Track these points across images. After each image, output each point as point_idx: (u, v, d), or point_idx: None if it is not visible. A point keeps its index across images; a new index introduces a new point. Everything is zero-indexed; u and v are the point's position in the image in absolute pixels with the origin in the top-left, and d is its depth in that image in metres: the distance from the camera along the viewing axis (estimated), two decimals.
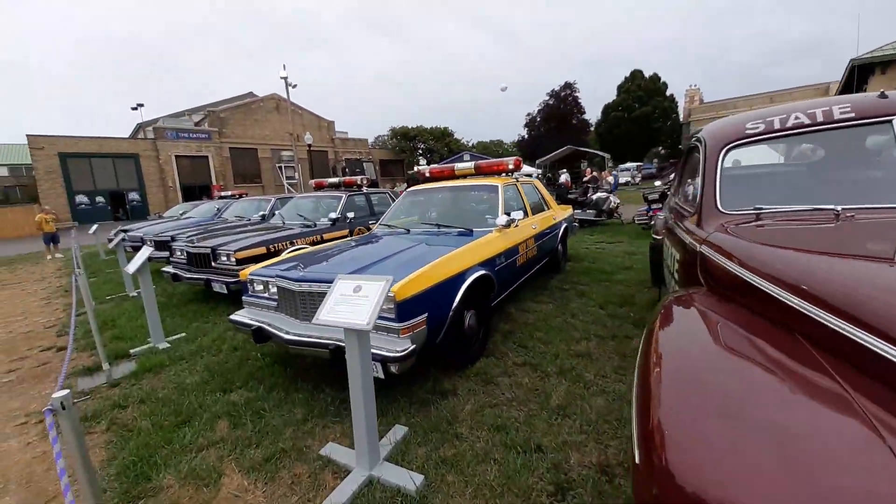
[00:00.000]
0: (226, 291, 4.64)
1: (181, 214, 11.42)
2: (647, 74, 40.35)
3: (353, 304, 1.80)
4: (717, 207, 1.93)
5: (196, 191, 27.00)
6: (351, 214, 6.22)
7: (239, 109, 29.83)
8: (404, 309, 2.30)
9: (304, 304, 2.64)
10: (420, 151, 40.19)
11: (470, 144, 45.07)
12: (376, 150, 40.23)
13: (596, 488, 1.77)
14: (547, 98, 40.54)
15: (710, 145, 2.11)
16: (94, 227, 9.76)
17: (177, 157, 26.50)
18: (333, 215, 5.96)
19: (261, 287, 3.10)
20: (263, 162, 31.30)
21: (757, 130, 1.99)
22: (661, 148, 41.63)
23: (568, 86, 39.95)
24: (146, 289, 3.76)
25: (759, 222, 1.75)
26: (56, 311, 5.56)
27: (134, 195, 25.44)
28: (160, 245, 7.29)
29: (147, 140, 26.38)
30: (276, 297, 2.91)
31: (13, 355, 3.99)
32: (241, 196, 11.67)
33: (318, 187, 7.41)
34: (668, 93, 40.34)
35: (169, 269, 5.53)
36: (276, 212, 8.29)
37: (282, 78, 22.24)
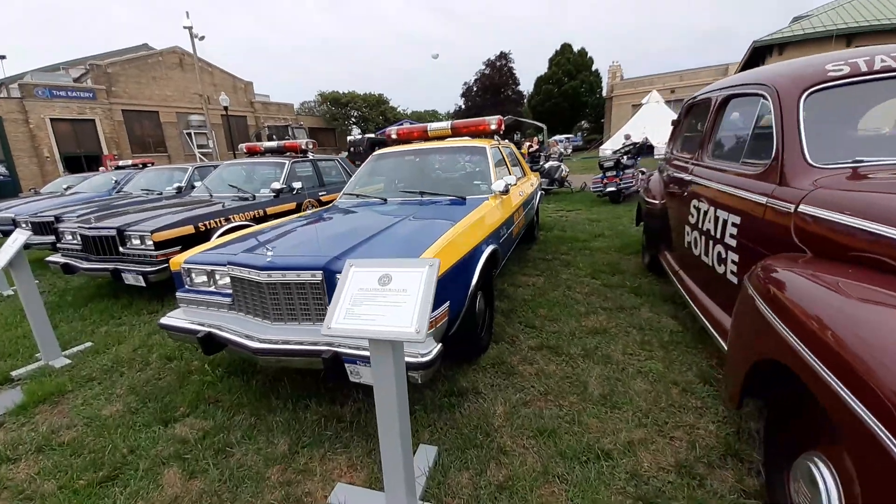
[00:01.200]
0: (143, 284, 3.64)
1: (65, 189, 9.24)
2: (576, 48, 41.47)
3: (382, 303, 1.23)
4: (807, 161, 1.64)
5: (83, 161, 22.56)
6: (298, 185, 5.30)
7: (132, 64, 25.08)
8: None
9: (275, 299, 1.96)
10: (353, 119, 37.69)
11: (406, 114, 43.20)
12: (303, 116, 36.88)
13: (691, 497, 1.47)
14: (483, 68, 40.10)
15: (784, 90, 1.80)
16: None
17: (53, 120, 21.66)
18: (277, 185, 5.01)
19: (203, 279, 2.32)
20: (167, 127, 27.07)
21: (841, 73, 1.71)
22: (584, 122, 43.77)
23: (503, 56, 39.78)
24: (25, 286, 2.72)
25: (874, 177, 1.48)
26: None
27: None
28: (40, 228, 5.71)
29: (12, 99, 21.11)
30: (230, 291, 2.18)
31: None
32: (144, 166, 9.73)
33: (252, 152, 6.26)
34: (594, 68, 41.98)
35: (57, 257, 4.26)
36: (196, 183, 6.97)
37: (185, 28, 18.94)
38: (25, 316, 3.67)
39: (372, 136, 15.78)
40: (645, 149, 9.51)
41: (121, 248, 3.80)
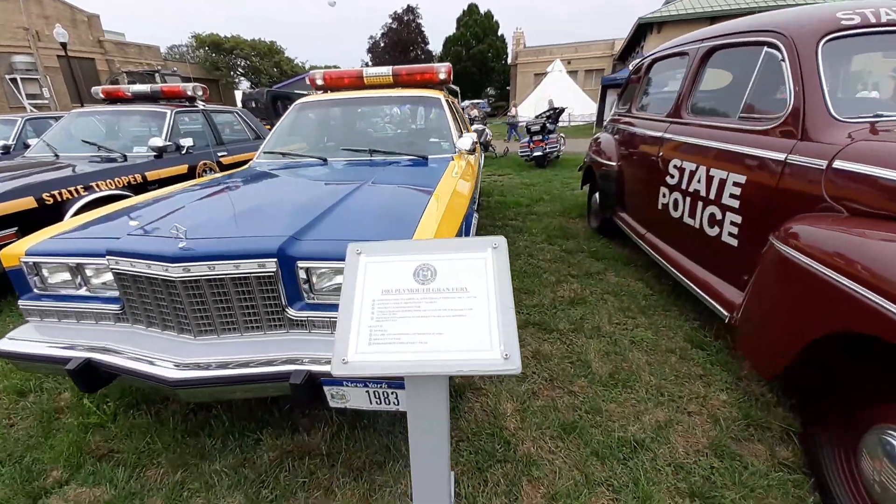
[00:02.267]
0: None
1: None
2: (482, 10, 41.02)
3: (430, 312, 0.77)
4: (831, 115, 1.54)
5: None
6: (187, 142, 4.16)
7: None
8: None
9: (199, 304, 1.32)
10: (241, 70, 32.63)
11: (305, 66, 38.69)
12: (174, 62, 30.67)
13: (742, 484, 1.36)
14: (390, 22, 37.53)
15: (800, 38, 1.67)
16: None
17: None
18: (158, 142, 3.82)
19: (64, 277, 1.52)
20: None
21: (853, 23, 1.62)
22: (490, 89, 44.58)
23: (410, 10, 37.63)
24: None
25: None
26: None
27: None
28: None
29: None
30: (116, 294, 1.45)
31: None
32: None
33: (113, 98, 4.73)
34: (499, 32, 42.25)
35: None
36: (31, 140, 5.15)
37: None
38: None
39: (273, 88, 13.68)
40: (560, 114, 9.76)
41: None
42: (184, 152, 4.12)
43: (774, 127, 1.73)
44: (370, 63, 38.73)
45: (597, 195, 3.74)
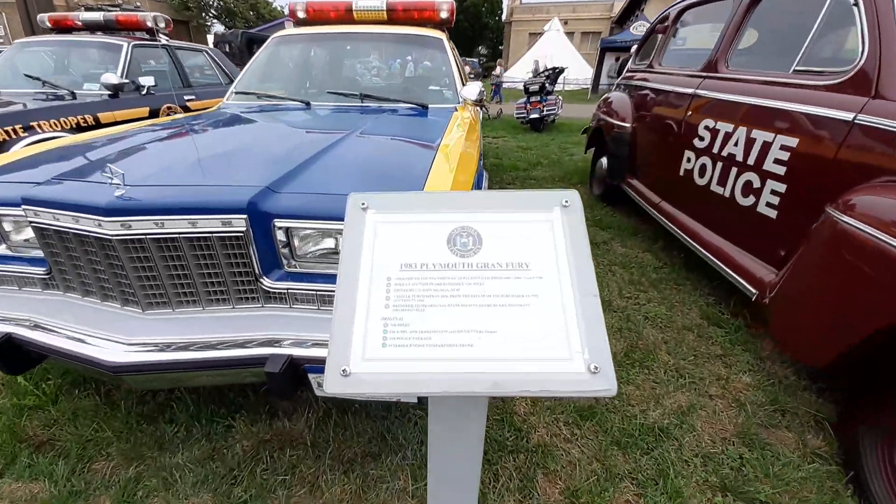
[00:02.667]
0: None
1: None
2: None
3: (471, 299, 0.52)
4: None
5: None
6: (148, 81, 3.64)
7: None
8: None
9: (141, 269, 1.04)
10: (214, 12, 29.97)
11: (285, 12, 35.77)
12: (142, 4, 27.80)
13: (776, 476, 1.23)
14: None
15: None
16: None
17: None
18: (112, 79, 3.31)
19: None
20: None
21: None
22: (482, 47, 42.63)
23: None
24: None
25: None
26: None
27: None
28: None
29: None
30: (44, 255, 1.14)
31: None
32: None
33: (62, 27, 4.09)
34: None
35: None
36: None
37: None
38: None
39: (249, 31, 12.54)
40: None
41: None
42: (143, 93, 3.62)
43: (841, 82, 1.48)
44: None
45: (604, 160, 3.49)
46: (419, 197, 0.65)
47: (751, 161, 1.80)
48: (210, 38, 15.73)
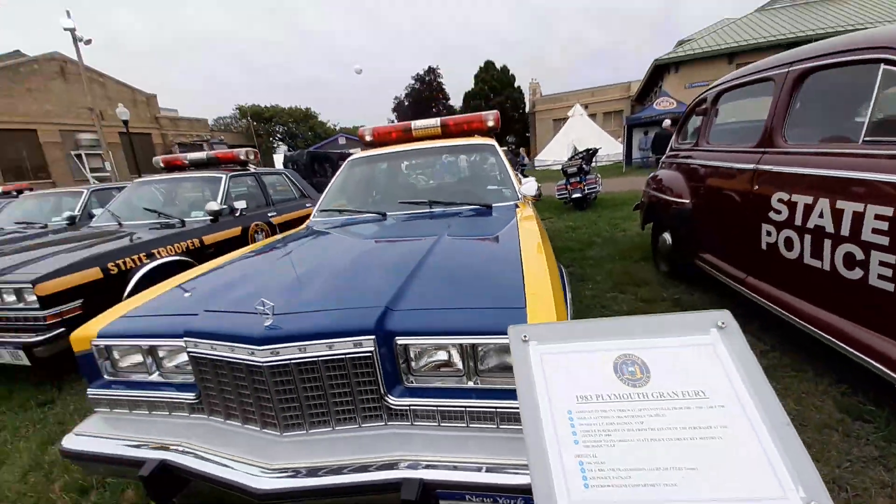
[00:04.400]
0: (26, 362, 2.44)
1: None
2: (498, 66, 43.48)
3: (656, 432, 0.54)
4: None
5: None
6: (241, 204, 4.26)
7: (1, 74, 20.84)
8: None
9: (283, 391, 1.13)
10: (279, 135, 35.26)
11: (336, 129, 41.49)
12: (219, 132, 33.58)
13: None
14: (413, 82, 40.22)
15: None
16: None
17: None
18: (214, 206, 3.92)
19: (136, 360, 1.39)
20: (50, 149, 22.85)
21: None
22: (511, 136, 46.16)
23: (431, 70, 40.31)
24: None
25: None
26: None
27: None
28: None
29: None
30: (193, 380, 1.28)
31: None
32: (20, 193, 7.65)
33: (172, 166, 5.00)
34: (516, 84, 44.37)
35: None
36: (96, 211, 5.48)
37: (67, 30, 16.06)
38: None
39: (311, 150, 14.46)
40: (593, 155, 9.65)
41: None
42: (238, 214, 4.20)
43: None
44: (395, 120, 41.17)
45: (666, 236, 3.46)
46: (574, 326, 0.70)
47: (845, 232, 1.73)
48: (278, 158, 18.37)
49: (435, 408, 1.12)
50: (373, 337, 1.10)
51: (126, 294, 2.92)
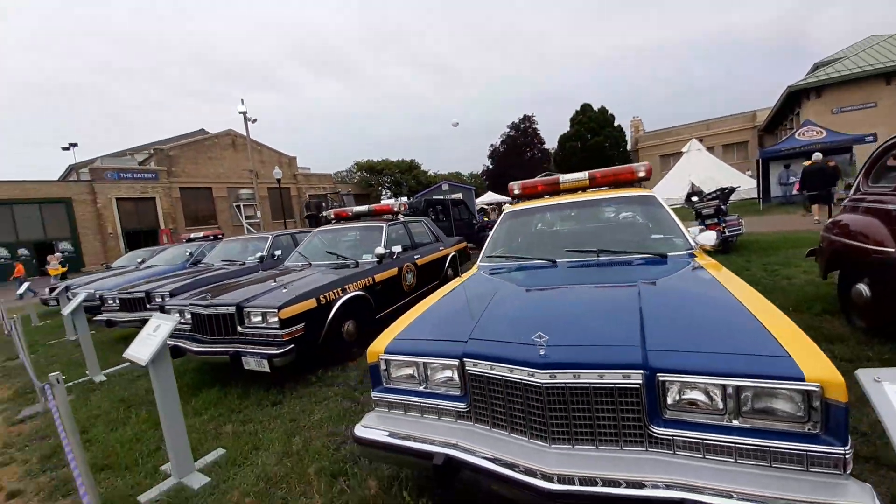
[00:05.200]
0: (267, 370, 3.15)
1: (140, 263, 9.37)
2: (595, 107, 43.12)
3: None
4: None
5: (141, 237, 23.89)
6: (397, 248, 4.95)
7: (190, 147, 27.44)
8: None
9: (556, 410, 1.37)
10: (387, 184, 39.27)
11: (435, 177, 44.79)
12: (339, 184, 38.71)
13: None
14: (508, 130, 41.89)
15: None
16: (25, 285, 7.56)
17: (118, 199, 23.42)
18: (381, 250, 4.64)
19: (406, 373, 1.78)
20: (219, 202, 28.78)
21: None
22: None
23: (527, 118, 41.67)
24: (164, 384, 2.25)
25: None
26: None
27: (65, 245, 21.86)
28: (129, 304, 5.50)
29: (82, 182, 23.17)
30: (458, 393, 1.62)
31: None
32: (215, 237, 9.85)
33: (341, 218, 6.05)
34: (616, 123, 43.25)
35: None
36: (276, 252, 6.81)
37: (241, 113, 20.71)
38: (131, 413, 3.22)
39: (425, 197, 15.77)
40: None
41: (238, 328, 3.38)
42: (394, 257, 4.88)
43: None
44: (491, 167, 42.85)
45: (862, 287, 3.08)
46: None
47: None
48: (392, 202, 20.78)
49: (700, 440, 1.24)
50: (641, 371, 1.29)
51: (329, 319, 3.61)
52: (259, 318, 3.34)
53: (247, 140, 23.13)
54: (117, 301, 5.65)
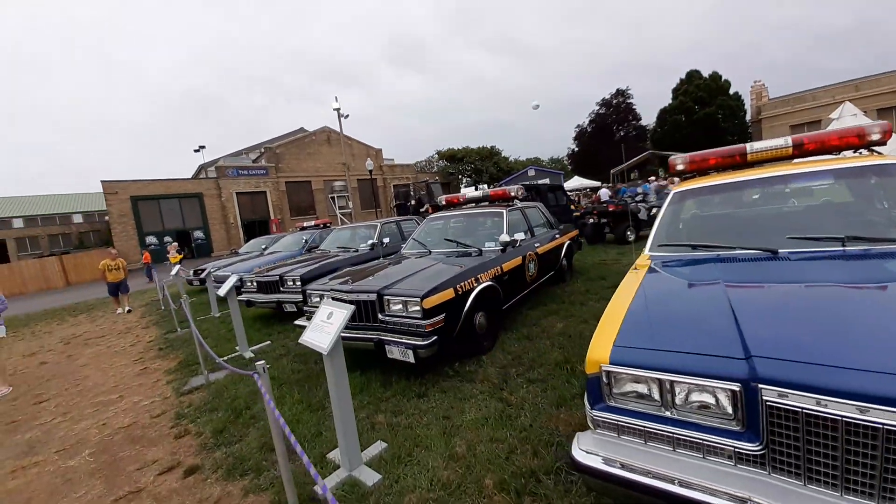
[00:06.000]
0: (412, 360, 3.05)
1: (263, 249, 10.38)
2: (705, 74, 37.76)
3: None
4: None
5: (256, 226, 26.97)
6: (520, 236, 4.58)
7: (293, 144, 30.07)
8: None
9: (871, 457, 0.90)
10: (468, 172, 39.09)
11: (513, 163, 43.36)
12: (422, 174, 39.51)
13: None
14: (597, 108, 38.73)
15: None
16: (176, 268, 8.77)
17: (238, 194, 26.68)
18: (506, 238, 4.32)
19: (634, 389, 1.41)
20: (317, 193, 31.23)
21: None
22: None
23: (620, 93, 38.07)
24: (338, 385, 2.19)
25: None
26: (158, 385, 4.19)
27: (198, 233, 25.59)
28: (266, 287, 5.98)
29: (209, 179, 26.82)
30: (736, 428, 1.20)
31: (116, 488, 2.51)
32: (325, 225, 10.51)
33: (452, 204, 5.87)
34: (731, 91, 37.45)
35: (302, 322, 4.08)
36: (385, 239, 6.91)
37: (335, 109, 21.85)
38: (284, 393, 3.30)
39: (537, 183, 14.37)
40: None
41: (379, 316, 3.33)
42: (516, 245, 4.52)
43: None
44: (576, 149, 39.95)
45: None
46: None
47: None
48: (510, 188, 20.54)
49: None
50: None
51: (465, 310, 3.40)
52: (399, 307, 3.24)
53: (340, 136, 24.52)
54: (255, 283, 6.18)
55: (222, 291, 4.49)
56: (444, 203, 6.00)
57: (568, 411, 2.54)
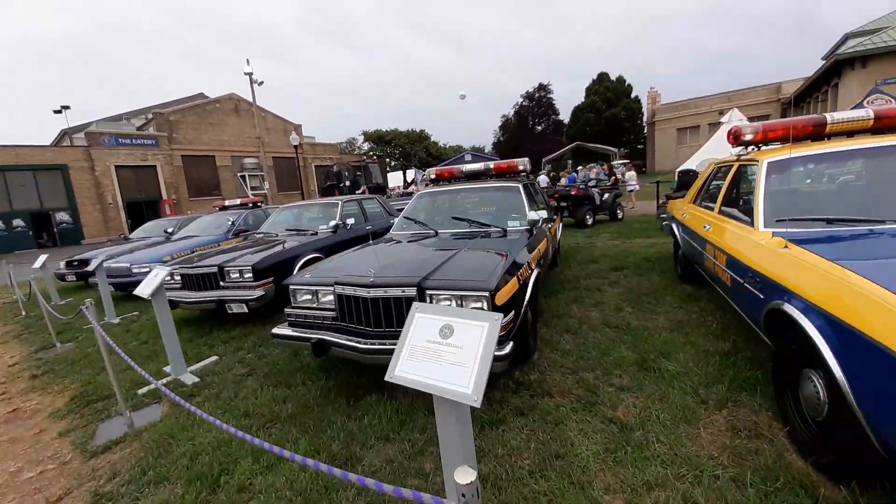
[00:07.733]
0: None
1: (169, 234, 8.24)
2: (612, 77, 41.29)
3: None
4: None
5: (143, 207, 22.46)
6: (543, 214, 3.95)
7: (191, 111, 25.48)
8: None
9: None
10: (396, 155, 37.63)
11: (446, 149, 42.99)
12: (345, 155, 36.93)
13: None
14: (522, 100, 40.03)
15: None
16: (42, 258, 6.43)
17: (117, 167, 21.76)
18: (534, 216, 3.63)
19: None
20: (222, 171, 27.14)
21: None
22: (621, 149, 43.22)
23: (542, 87, 39.81)
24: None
25: None
26: (46, 439, 2.68)
27: (63, 216, 20.35)
28: (196, 281, 4.46)
29: (78, 148, 21.39)
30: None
31: None
32: (255, 205, 8.71)
33: (443, 178, 4.98)
34: (632, 95, 41.56)
35: (283, 330, 2.90)
36: (349, 221, 5.74)
37: (246, 74, 18.91)
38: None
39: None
40: None
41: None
42: (540, 224, 3.88)
43: None
44: (501, 139, 40.87)
45: None
46: None
47: None
48: (410, 174, 19.35)
49: None
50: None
51: (525, 304, 2.65)
52: (451, 303, 2.36)
53: (253, 105, 21.35)
54: (177, 277, 4.61)
55: (147, 290, 3.07)
56: (433, 176, 5.08)
57: (706, 430, 1.99)
